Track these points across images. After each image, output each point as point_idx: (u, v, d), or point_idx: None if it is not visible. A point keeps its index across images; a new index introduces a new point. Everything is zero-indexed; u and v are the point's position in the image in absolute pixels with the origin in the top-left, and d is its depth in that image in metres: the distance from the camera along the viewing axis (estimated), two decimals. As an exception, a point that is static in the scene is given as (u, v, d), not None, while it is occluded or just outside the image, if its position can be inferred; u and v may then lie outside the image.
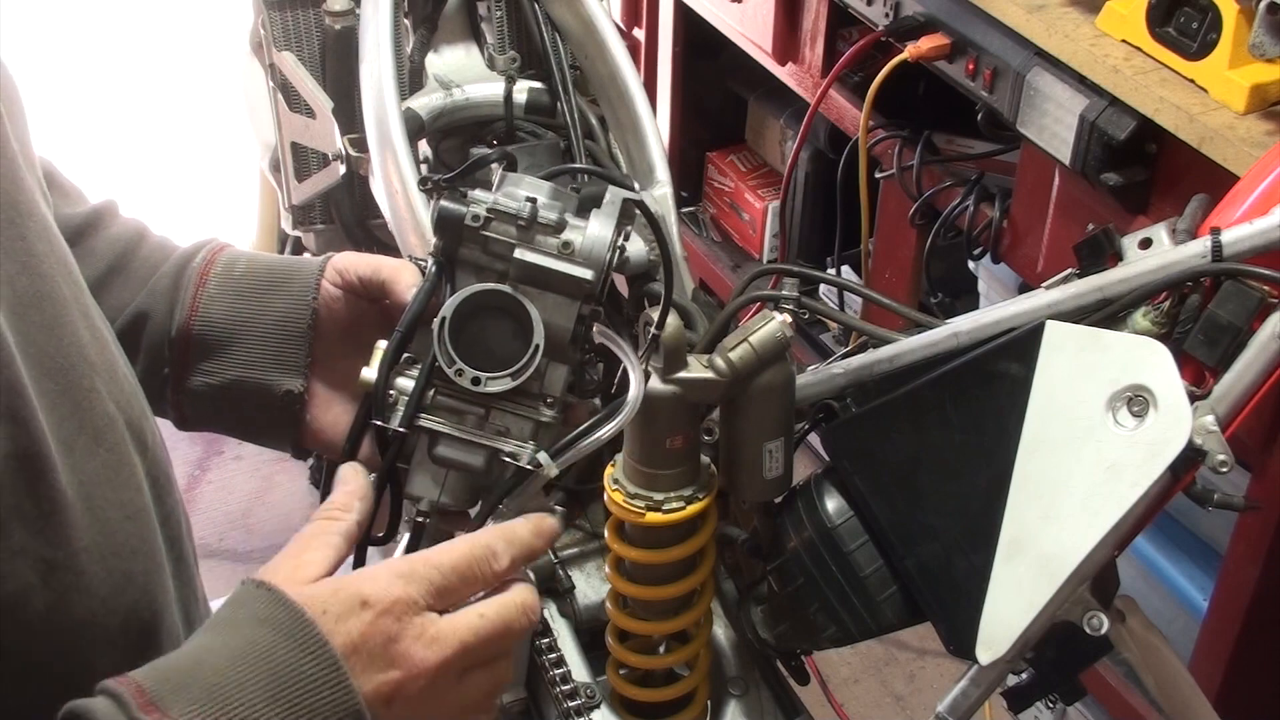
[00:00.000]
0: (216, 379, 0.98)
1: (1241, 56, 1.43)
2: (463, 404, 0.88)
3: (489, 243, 0.88)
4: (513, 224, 0.88)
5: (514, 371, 0.87)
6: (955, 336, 0.96)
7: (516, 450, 0.88)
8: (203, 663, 0.72)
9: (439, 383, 0.88)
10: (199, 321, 0.98)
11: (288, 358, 0.98)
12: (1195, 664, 1.68)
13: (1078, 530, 0.87)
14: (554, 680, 1.16)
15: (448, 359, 0.86)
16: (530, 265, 0.87)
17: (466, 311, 0.87)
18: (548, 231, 0.88)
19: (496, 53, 1.53)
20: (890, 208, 2.09)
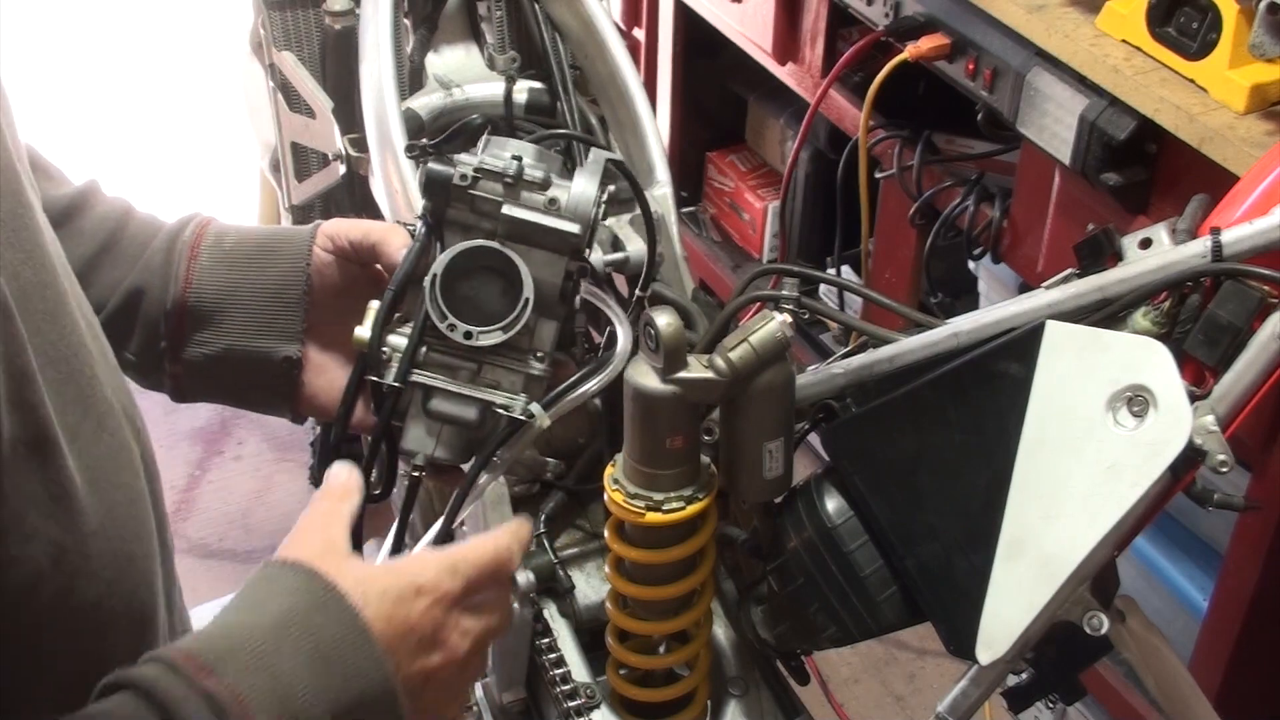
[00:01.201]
0: (212, 348, 0.99)
1: (1241, 56, 1.43)
2: (455, 360, 0.90)
3: (476, 201, 0.90)
4: (499, 182, 0.90)
5: (505, 325, 0.89)
6: (955, 336, 0.96)
7: (509, 402, 0.90)
8: (246, 632, 0.74)
9: (431, 339, 0.90)
10: (193, 293, 0.99)
11: (283, 324, 1.00)
12: (1195, 664, 1.68)
13: (1078, 530, 0.87)
14: (554, 680, 1.16)
15: (440, 314, 0.88)
16: (518, 221, 0.89)
17: (457, 270, 0.89)
18: (534, 189, 0.90)
19: (496, 53, 1.53)
20: (890, 208, 2.09)
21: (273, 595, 0.77)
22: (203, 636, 0.75)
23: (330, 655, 0.75)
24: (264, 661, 0.73)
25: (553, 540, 1.23)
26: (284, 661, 0.73)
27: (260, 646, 0.73)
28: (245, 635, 0.74)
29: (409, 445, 0.92)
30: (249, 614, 0.76)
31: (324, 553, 0.80)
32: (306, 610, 0.76)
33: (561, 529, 1.26)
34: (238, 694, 0.71)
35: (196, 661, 0.72)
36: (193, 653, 0.73)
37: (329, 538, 0.82)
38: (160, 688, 0.71)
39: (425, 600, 0.80)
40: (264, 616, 0.76)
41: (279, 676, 0.73)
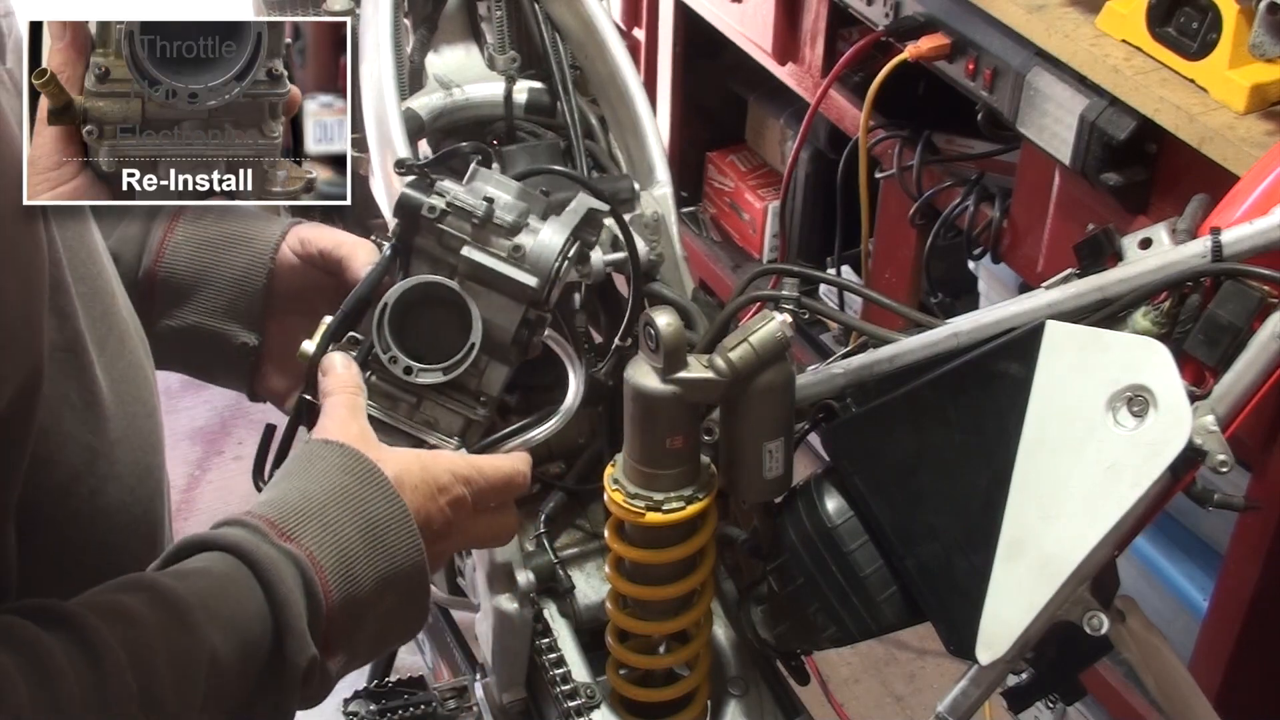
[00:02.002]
0: (178, 322, 1.03)
1: (1241, 56, 1.43)
2: (397, 391, 0.91)
3: (443, 236, 0.91)
4: (468, 221, 0.90)
5: (446, 366, 0.90)
6: (955, 336, 0.96)
7: (439, 443, 0.91)
8: (309, 501, 0.82)
9: (376, 368, 0.91)
10: (164, 266, 1.02)
11: (243, 312, 1.03)
12: (1195, 664, 1.68)
13: (1078, 530, 0.87)
14: (554, 680, 1.16)
15: (384, 345, 0.89)
16: (477, 264, 0.90)
17: (415, 300, 0.89)
18: (501, 233, 0.90)
19: (496, 53, 1.53)
20: (890, 208, 2.09)
21: (326, 470, 0.84)
22: (273, 504, 0.82)
23: (378, 530, 0.82)
24: (330, 529, 0.80)
25: (553, 540, 1.23)
26: (344, 531, 0.81)
27: (325, 514, 0.81)
28: (310, 504, 0.81)
29: None
30: (309, 483, 0.83)
31: (361, 439, 0.87)
32: (357, 486, 0.83)
33: (561, 529, 1.26)
34: (314, 557, 0.79)
35: (277, 527, 0.79)
36: (272, 519, 0.80)
37: (361, 426, 0.88)
38: (252, 549, 0.77)
39: (443, 499, 0.87)
40: (322, 488, 0.82)
41: (342, 544, 0.80)
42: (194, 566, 0.78)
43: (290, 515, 0.80)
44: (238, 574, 0.77)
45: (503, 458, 0.93)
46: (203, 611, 0.74)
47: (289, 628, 0.76)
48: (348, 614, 0.80)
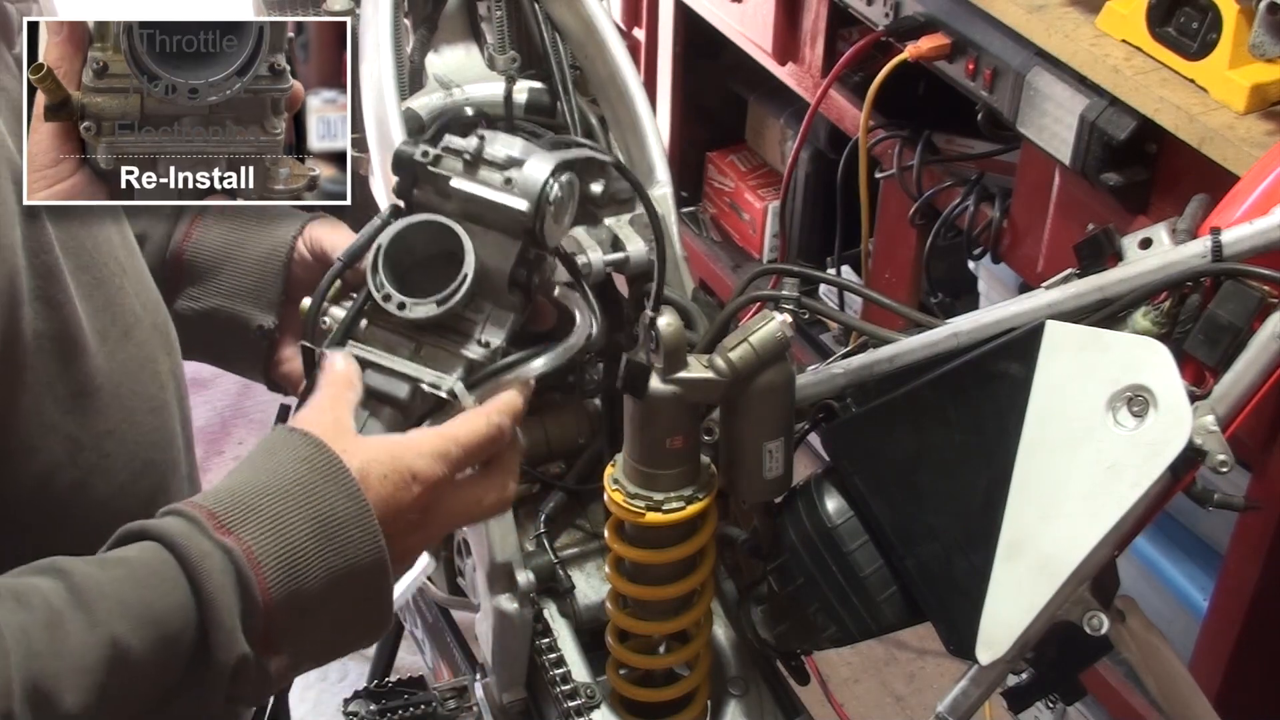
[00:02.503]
0: (199, 304, 1.04)
1: (1242, 56, 1.43)
2: (396, 337, 0.89)
3: (438, 180, 0.89)
4: (459, 160, 0.89)
5: (440, 298, 0.87)
6: (955, 336, 0.96)
7: (436, 380, 0.88)
8: (260, 493, 0.79)
9: (375, 314, 0.89)
10: (191, 246, 1.03)
11: (263, 293, 1.04)
12: (1195, 664, 1.68)
13: (1078, 530, 0.87)
14: (554, 680, 1.16)
15: (377, 285, 0.87)
16: (467, 195, 0.88)
17: (412, 250, 0.88)
18: (492, 168, 0.89)
19: (496, 53, 1.53)
20: (890, 208, 2.09)
21: (286, 461, 0.81)
22: (219, 494, 0.79)
23: (334, 526, 0.79)
24: (276, 524, 0.77)
25: (553, 540, 1.23)
26: (293, 526, 0.78)
27: (273, 508, 0.78)
28: (259, 496, 0.78)
29: None
30: (263, 475, 0.80)
31: (333, 430, 0.84)
32: (316, 480, 0.80)
33: (561, 529, 1.26)
34: (251, 552, 0.76)
35: (217, 519, 0.76)
36: (212, 510, 0.77)
37: (337, 418, 0.85)
38: (182, 541, 0.74)
39: (418, 488, 0.84)
40: (277, 480, 0.79)
41: (288, 539, 0.77)
42: (120, 555, 0.76)
43: (233, 507, 0.78)
44: (163, 566, 0.75)
45: (474, 414, 0.88)
46: (114, 602, 0.72)
47: (216, 623, 0.74)
48: (292, 612, 0.78)
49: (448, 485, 0.86)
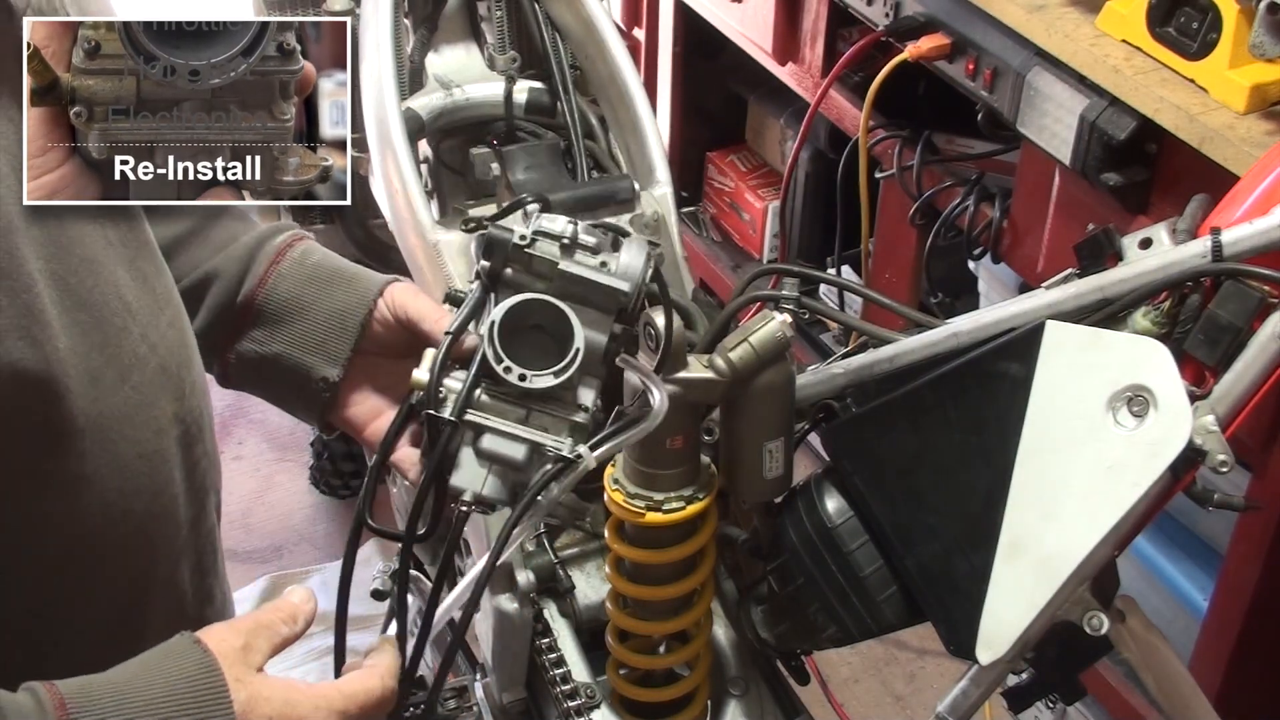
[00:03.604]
0: (264, 349, 1.05)
1: (1242, 56, 1.43)
2: (505, 405, 0.93)
3: (533, 262, 0.94)
4: (556, 244, 0.94)
5: (557, 370, 0.91)
6: (955, 336, 0.96)
7: (557, 444, 0.92)
8: (126, 695, 0.75)
9: (485, 382, 0.92)
10: (264, 294, 1.04)
11: (332, 348, 1.04)
12: (1195, 664, 1.68)
13: (1078, 530, 0.87)
14: (554, 680, 1.16)
15: (496, 357, 0.91)
16: (573, 276, 0.94)
17: (509, 325, 0.92)
18: (587, 252, 0.94)
19: (496, 53, 1.53)
20: (890, 208, 2.09)
21: (169, 669, 0.78)
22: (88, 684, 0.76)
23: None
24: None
25: (553, 540, 1.23)
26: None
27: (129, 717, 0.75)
28: (123, 699, 0.75)
29: (459, 482, 0.93)
30: (143, 678, 0.77)
31: (237, 655, 0.81)
32: (190, 703, 0.77)
33: (561, 529, 1.26)
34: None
35: (65, 709, 0.73)
36: (66, 699, 0.74)
37: (250, 644, 0.82)
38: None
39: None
40: (149, 687, 0.77)
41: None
42: None
43: (89, 703, 0.74)
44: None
45: (368, 674, 0.88)
46: None
47: None
48: None
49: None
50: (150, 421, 0.87)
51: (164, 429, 0.88)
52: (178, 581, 0.93)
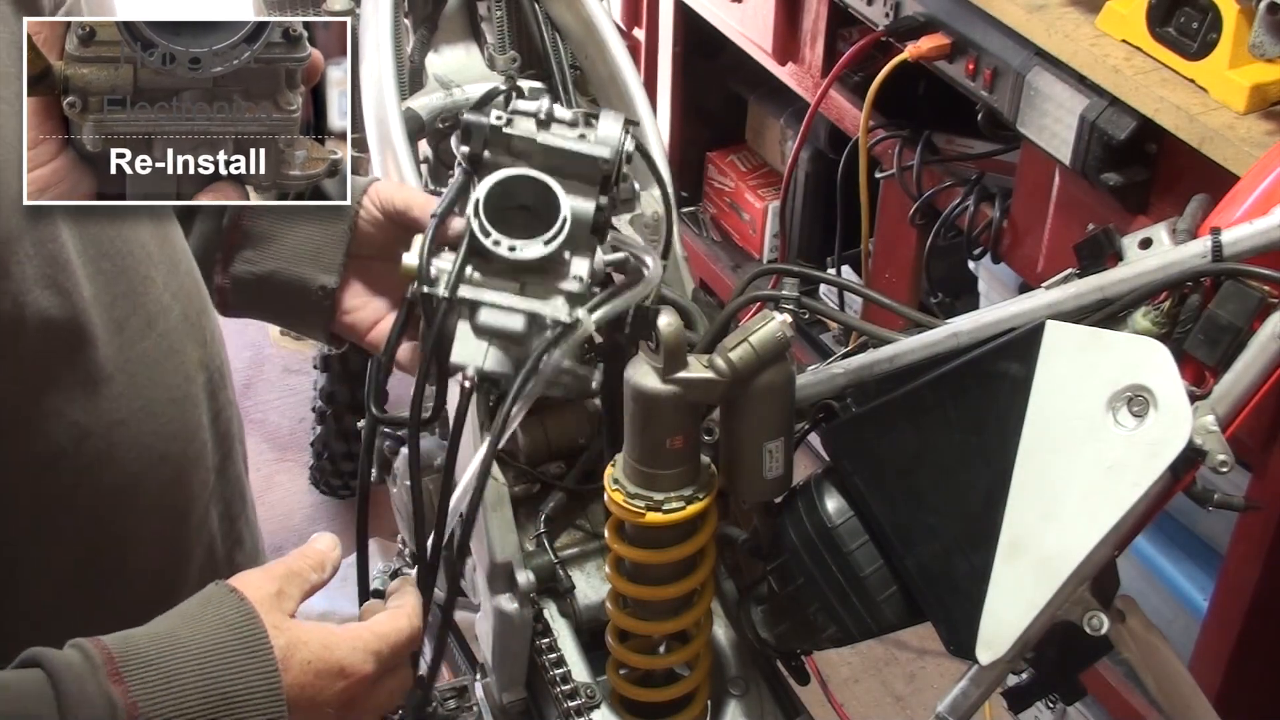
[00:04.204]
0: (259, 268, 1.04)
1: (1242, 56, 1.43)
2: (498, 281, 0.93)
3: (512, 141, 0.95)
4: (533, 120, 0.95)
5: (546, 239, 0.92)
6: (955, 336, 0.96)
7: (554, 311, 0.93)
8: (170, 647, 0.76)
9: (477, 261, 0.93)
10: (249, 212, 1.03)
11: (325, 257, 1.05)
12: (1195, 664, 1.68)
13: (1078, 530, 0.87)
14: (554, 680, 1.16)
15: (484, 231, 0.91)
16: (552, 149, 0.95)
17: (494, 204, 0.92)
18: (564, 125, 0.96)
19: (496, 53, 1.53)
20: (890, 208, 2.09)
21: (209, 619, 0.78)
22: (132, 637, 0.77)
23: (236, 701, 0.76)
24: (173, 683, 0.75)
25: (553, 540, 1.23)
26: (191, 690, 0.75)
27: (176, 667, 0.75)
28: (167, 650, 0.76)
29: (459, 359, 0.93)
30: (182, 627, 0.78)
31: (272, 602, 0.81)
32: (232, 650, 0.77)
33: (561, 529, 1.26)
34: (135, 706, 0.73)
35: (114, 663, 0.74)
36: (114, 653, 0.74)
37: (283, 590, 0.83)
38: (68, 679, 0.72)
39: (344, 682, 0.82)
40: (192, 637, 0.77)
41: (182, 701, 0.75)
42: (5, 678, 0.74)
43: (135, 656, 0.75)
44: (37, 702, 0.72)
45: (399, 616, 0.89)
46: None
47: None
48: None
49: (371, 683, 0.85)
50: (178, 368, 0.88)
51: (191, 375, 0.89)
52: (209, 526, 0.94)
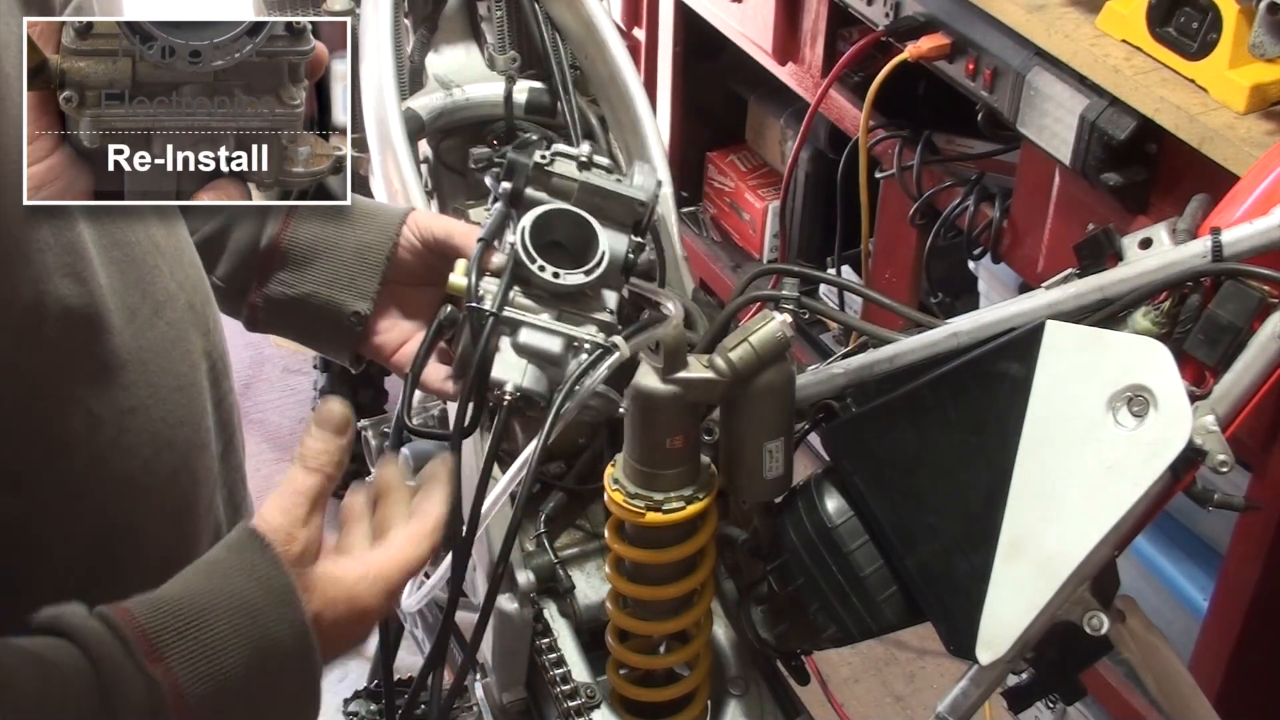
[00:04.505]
0: (294, 291, 1.07)
1: (1242, 56, 1.43)
2: (538, 305, 0.99)
3: (552, 180, 1.02)
4: (573, 162, 1.03)
5: (587, 269, 0.98)
6: (955, 336, 0.96)
7: (592, 336, 0.98)
8: (201, 611, 0.76)
9: (518, 285, 0.98)
10: (290, 237, 1.06)
11: (360, 283, 1.08)
12: (1195, 664, 1.68)
13: (1078, 530, 0.87)
14: (554, 680, 1.16)
15: (530, 257, 0.97)
16: (593, 188, 1.02)
17: (534, 237, 0.98)
18: (602, 170, 1.03)
19: (496, 53, 1.53)
20: (890, 208, 2.09)
21: (237, 572, 0.78)
22: (161, 606, 0.75)
23: (270, 658, 0.76)
24: (210, 650, 0.75)
25: (553, 540, 1.23)
26: (229, 655, 0.75)
27: (210, 635, 0.75)
28: (198, 615, 0.75)
29: (499, 374, 0.97)
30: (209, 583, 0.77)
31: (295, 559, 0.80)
32: (263, 605, 0.77)
33: (561, 529, 1.26)
34: (178, 685, 0.73)
35: (148, 643, 0.73)
36: (147, 631, 0.73)
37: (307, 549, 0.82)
38: (108, 666, 0.71)
39: (365, 625, 0.85)
40: (222, 597, 0.76)
41: (221, 670, 0.75)
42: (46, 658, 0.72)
43: (167, 628, 0.74)
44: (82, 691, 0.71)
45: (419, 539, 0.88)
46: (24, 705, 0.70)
47: None
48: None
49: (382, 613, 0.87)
50: (184, 356, 0.89)
51: (196, 363, 0.91)
52: (215, 512, 0.96)
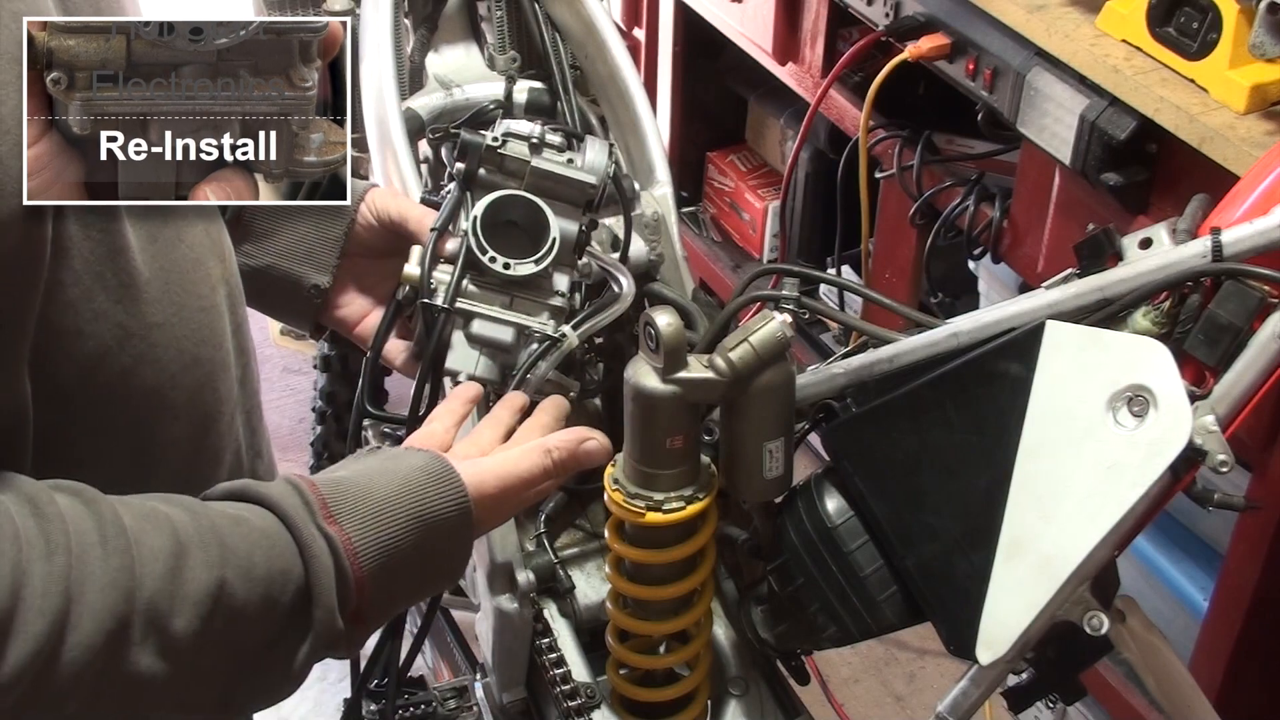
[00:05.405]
0: (255, 261, 1.10)
1: (1242, 56, 1.43)
2: (489, 293, 1.02)
3: (505, 161, 1.03)
4: (525, 144, 1.03)
5: (537, 258, 1.01)
6: (955, 336, 0.96)
7: (541, 325, 1.02)
8: (369, 489, 0.87)
9: (469, 273, 1.02)
10: (251, 210, 1.09)
11: (320, 257, 1.11)
12: (1195, 664, 1.68)
13: (1078, 530, 0.87)
14: (554, 680, 1.16)
15: (481, 248, 0.99)
16: (543, 172, 1.03)
17: (487, 222, 1.00)
18: (554, 150, 1.04)
19: (496, 53, 1.53)
20: (890, 208, 2.09)
21: (401, 463, 0.90)
22: (336, 482, 0.87)
23: (434, 528, 0.88)
24: (379, 519, 0.85)
25: (553, 540, 1.23)
26: (395, 523, 0.86)
27: (379, 506, 0.86)
28: (367, 492, 0.86)
29: (453, 365, 1.02)
30: (379, 467, 0.89)
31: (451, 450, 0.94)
32: (426, 483, 0.88)
33: (561, 529, 1.26)
34: (352, 544, 0.83)
35: (327, 506, 0.84)
36: (325, 497, 0.84)
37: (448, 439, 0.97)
38: (298, 521, 0.82)
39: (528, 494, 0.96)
40: (390, 479, 0.88)
41: (389, 535, 0.85)
42: (241, 513, 0.82)
43: (343, 498, 0.85)
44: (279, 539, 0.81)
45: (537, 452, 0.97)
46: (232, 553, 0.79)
47: (319, 602, 0.81)
48: (381, 596, 0.85)
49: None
50: (204, 279, 0.91)
51: (215, 286, 0.93)
52: (235, 432, 0.99)
